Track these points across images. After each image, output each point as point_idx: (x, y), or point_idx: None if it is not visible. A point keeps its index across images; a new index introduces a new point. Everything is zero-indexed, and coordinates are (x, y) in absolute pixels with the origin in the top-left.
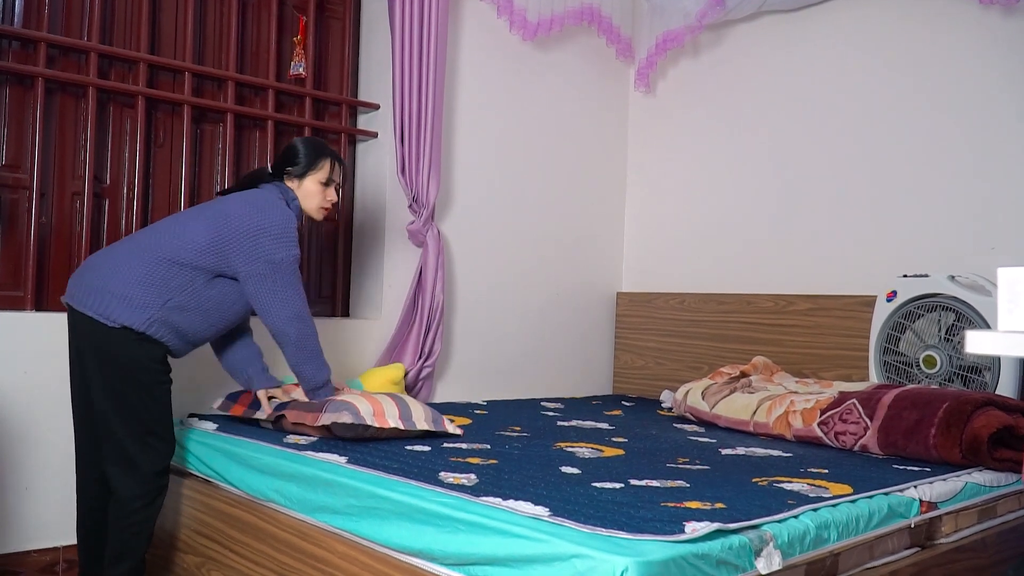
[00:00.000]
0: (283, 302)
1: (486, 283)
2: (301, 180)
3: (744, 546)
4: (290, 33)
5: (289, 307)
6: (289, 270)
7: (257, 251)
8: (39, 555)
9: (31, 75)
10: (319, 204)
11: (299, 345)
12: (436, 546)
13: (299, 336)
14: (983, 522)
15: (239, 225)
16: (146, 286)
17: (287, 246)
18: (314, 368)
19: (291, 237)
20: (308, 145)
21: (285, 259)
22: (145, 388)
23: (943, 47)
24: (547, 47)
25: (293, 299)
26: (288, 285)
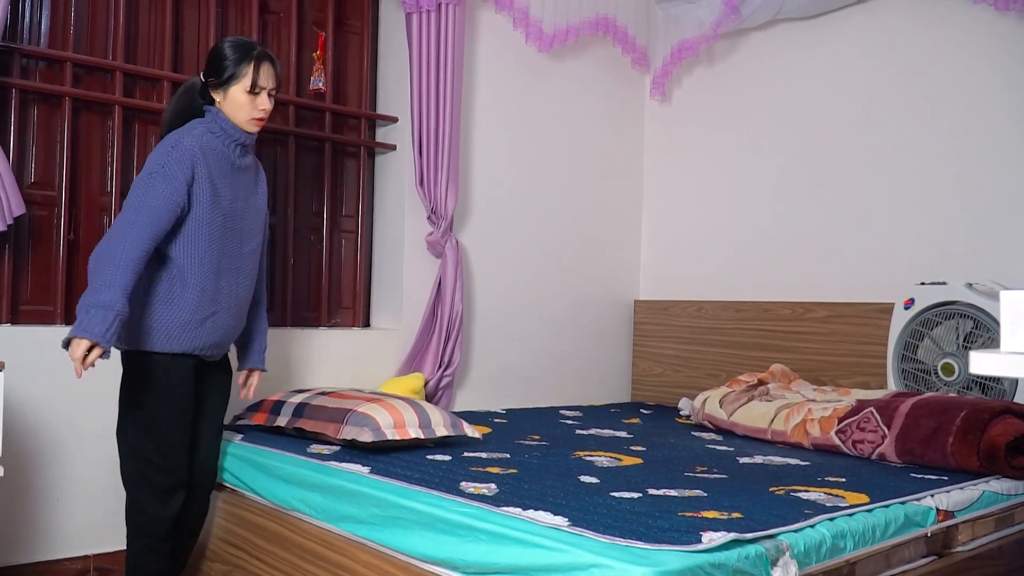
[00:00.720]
0: (127, 207)
1: (504, 292)
2: (225, 91)
3: (761, 556)
4: (309, 49)
5: (127, 213)
6: (146, 180)
7: (140, 179)
8: (70, 563)
9: (58, 94)
10: (248, 116)
11: (104, 246)
12: (458, 555)
13: (111, 239)
14: (1000, 530)
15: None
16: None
17: (155, 161)
18: (101, 282)
19: (167, 157)
20: (230, 49)
21: (147, 171)
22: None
23: (958, 54)
24: (563, 57)
25: (132, 206)
26: (137, 195)
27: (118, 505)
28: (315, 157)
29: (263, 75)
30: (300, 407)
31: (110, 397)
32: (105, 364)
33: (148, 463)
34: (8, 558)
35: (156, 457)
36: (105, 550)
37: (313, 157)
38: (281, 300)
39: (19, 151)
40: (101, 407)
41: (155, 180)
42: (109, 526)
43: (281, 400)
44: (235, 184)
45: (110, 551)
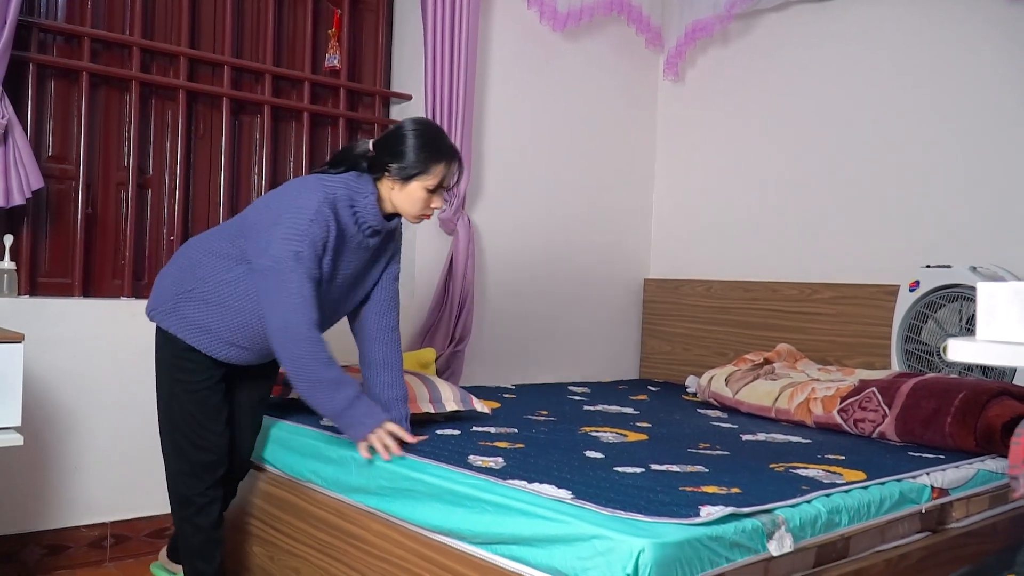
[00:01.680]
0: (271, 305)
1: (516, 270)
2: (405, 184)
3: (757, 529)
4: (325, 26)
5: (275, 312)
6: (284, 265)
7: (265, 240)
8: (88, 530)
9: (76, 69)
10: (420, 211)
11: (294, 370)
12: (465, 526)
13: (288, 357)
14: (994, 508)
15: (265, 211)
16: (174, 277)
17: (289, 238)
18: (320, 398)
19: (299, 230)
20: (421, 142)
21: (282, 252)
22: (163, 386)
23: (967, 40)
24: (577, 37)
25: (279, 303)
26: (277, 286)
27: (136, 474)
28: (330, 134)
29: (452, 174)
30: None
31: (127, 367)
32: (120, 332)
33: (184, 438)
34: (27, 525)
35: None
36: (122, 517)
37: (328, 134)
38: None
39: (37, 126)
40: (118, 377)
41: (301, 261)
42: (126, 494)
43: None
44: (355, 259)
45: (127, 519)
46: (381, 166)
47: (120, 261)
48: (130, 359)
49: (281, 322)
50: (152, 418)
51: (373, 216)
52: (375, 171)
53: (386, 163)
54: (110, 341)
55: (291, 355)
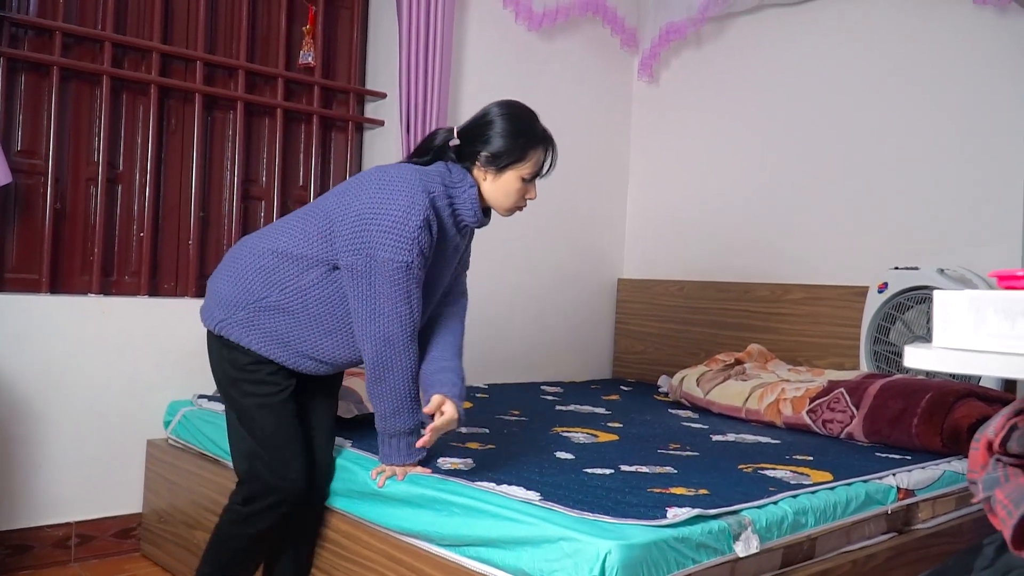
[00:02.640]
0: (371, 312)
1: (490, 269)
2: (499, 173)
3: (723, 531)
4: (299, 23)
5: (377, 320)
6: (391, 274)
7: (361, 240)
8: (52, 530)
9: (47, 64)
10: (514, 203)
11: (375, 372)
12: (433, 528)
13: (377, 361)
14: (960, 509)
15: (355, 205)
16: (240, 283)
17: (398, 245)
18: (388, 409)
19: (408, 235)
20: (514, 127)
21: (390, 260)
22: (235, 402)
23: (938, 43)
24: (552, 37)
25: (383, 312)
26: (383, 293)
27: (102, 473)
28: (303, 131)
29: (548, 161)
30: None
31: (94, 364)
32: (88, 329)
33: (264, 466)
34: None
35: (272, 461)
36: (88, 517)
37: (301, 131)
38: None
39: (6, 120)
40: (85, 375)
41: (412, 271)
42: (92, 493)
43: None
44: (444, 259)
45: (93, 518)
46: (470, 156)
47: (89, 257)
48: (98, 356)
49: (384, 333)
50: (121, 415)
51: (473, 211)
52: (463, 162)
53: (476, 152)
54: (78, 338)
55: (385, 364)
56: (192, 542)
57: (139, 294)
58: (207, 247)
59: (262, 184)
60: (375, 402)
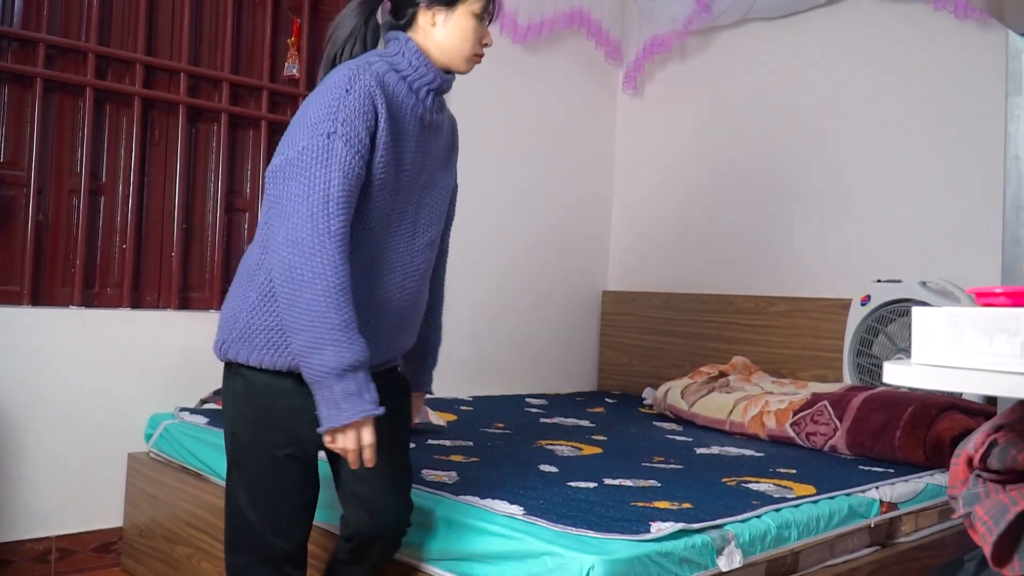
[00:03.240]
0: (279, 215)
1: (474, 281)
2: (449, 11)
3: (706, 545)
4: (284, 34)
5: (284, 221)
6: (305, 157)
7: (286, 146)
8: (32, 544)
9: (30, 75)
10: (471, 50)
11: (284, 293)
12: (416, 541)
13: (285, 276)
14: (943, 522)
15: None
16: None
17: (316, 121)
18: (305, 342)
19: (331, 108)
20: None
21: (307, 141)
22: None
23: (921, 56)
24: (537, 50)
25: (291, 211)
26: (293, 188)
27: (82, 486)
28: None
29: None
30: None
31: (75, 377)
32: (69, 341)
33: (247, 521)
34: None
35: (254, 515)
36: (68, 531)
37: None
38: None
39: None
40: (66, 387)
41: (334, 143)
42: (72, 507)
43: None
44: (421, 148)
45: (73, 532)
46: (410, 4)
47: (71, 269)
48: (79, 369)
49: (291, 236)
50: (102, 428)
51: (426, 69)
52: (401, 17)
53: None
54: (59, 350)
55: (294, 277)
56: (173, 557)
57: (121, 306)
58: (190, 259)
59: (246, 196)
60: (291, 337)
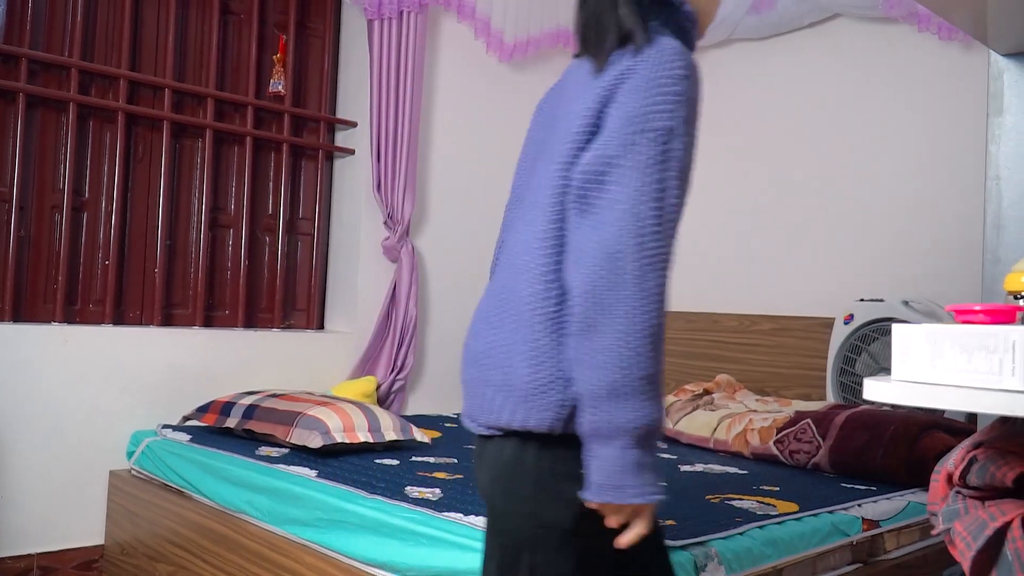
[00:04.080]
0: (596, 221)
1: (459, 298)
2: None
3: (689, 561)
4: (270, 51)
5: (602, 228)
6: (647, 148)
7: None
8: (13, 562)
9: (12, 90)
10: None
11: (585, 315)
12: (400, 559)
13: (591, 294)
14: (924, 539)
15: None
16: (492, 337)
17: (659, 105)
18: (602, 382)
19: (673, 91)
20: None
21: (650, 130)
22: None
23: (905, 77)
24: (523, 68)
25: (617, 212)
26: (628, 186)
27: (64, 504)
28: (273, 159)
29: None
30: (250, 409)
31: (56, 394)
32: (50, 357)
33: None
34: None
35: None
36: (49, 549)
37: (271, 159)
38: (234, 300)
39: None
40: (47, 404)
41: (675, 144)
42: (54, 525)
43: (231, 401)
44: None
45: (54, 550)
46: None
47: (53, 285)
48: (61, 385)
49: (610, 246)
50: (84, 445)
51: (695, 36)
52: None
53: None
54: (40, 367)
55: (600, 301)
56: (154, 575)
57: (104, 323)
58: (173, 276)
59: (230, 212)
60: (584, 372)
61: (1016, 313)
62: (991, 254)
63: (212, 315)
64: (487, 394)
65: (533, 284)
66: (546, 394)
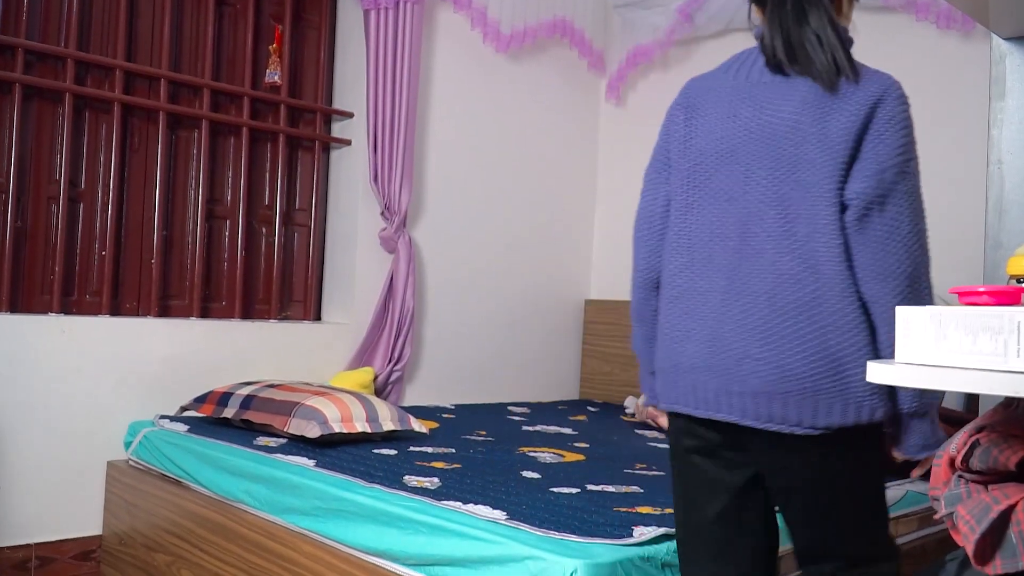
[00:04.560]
0: (911, 249)
1: (456, 289)
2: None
3: None
4: (266, 41)
5: (915, 256)
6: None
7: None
8: (11, 552)
9: (8, 81)
10: None
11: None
12: (398, 547)
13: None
14: (923, 528)
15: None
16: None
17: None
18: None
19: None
20: None
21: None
22: None
23: (903, 66)
24: (520, 58)
25: (915, 236)
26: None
27: (62, 494)
28: (269, 150)
29: None
30: (248, 399)
31: (53, 384)
32: (47, 348)
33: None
34: None
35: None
36: (47, 539)
37: (267, 150)
38: (231, 291)
39: None
40: (44, 395)
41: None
42: (52, 515)
43: (229, 392)
44: None
45: (52, 540)
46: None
47: (49, 276)
48: (58, 376)
49: (912, 267)
50: (81, 435)
51: None
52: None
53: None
54: (37, 358)
55: None
56: (153, 565)
57: (100, 314)
58: (170, 267)
59: (227, 203)
60: None
61: (1021, 295)
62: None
63: (209, 306)
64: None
65: (845, 298)
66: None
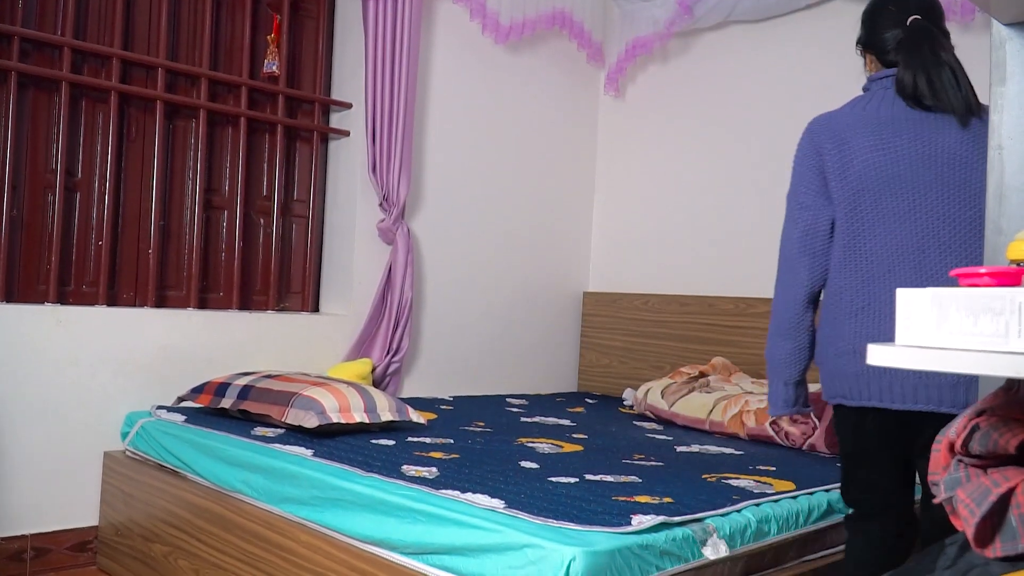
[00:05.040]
0: None
1: (455, 281)
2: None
3: (688, 538)
4: (264, 31)
5: None
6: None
7: None
8: (7, 543)
9: (5, 69)
10: None
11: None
12: (396, 536)
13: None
14: None
15: None
16: None
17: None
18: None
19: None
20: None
21: None
22: None
23: None
24: (519, 50)
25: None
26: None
27: (58, 484)
28: (267, 140)
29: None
30: (245, 389)
31: (51, 375)
32: (43, 338)
33: None
34: None
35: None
36: (43, 530)
37: (265, 140)
38: (228, 282)
39: None
40: (40, 385)
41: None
42: (48, 505)
43: (226, 382)
44: None
45: (49, 531)
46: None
47: (46, 266)
48: (54, 367)
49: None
50: (78, 426)
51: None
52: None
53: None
54: (34, 348)
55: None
56: (149, 555)
57: (97, 304)
58: (167, 257)
59: (224, 194)
60: None
61: (1022, 276)
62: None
63: (206, 297)
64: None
65: None
66: None
